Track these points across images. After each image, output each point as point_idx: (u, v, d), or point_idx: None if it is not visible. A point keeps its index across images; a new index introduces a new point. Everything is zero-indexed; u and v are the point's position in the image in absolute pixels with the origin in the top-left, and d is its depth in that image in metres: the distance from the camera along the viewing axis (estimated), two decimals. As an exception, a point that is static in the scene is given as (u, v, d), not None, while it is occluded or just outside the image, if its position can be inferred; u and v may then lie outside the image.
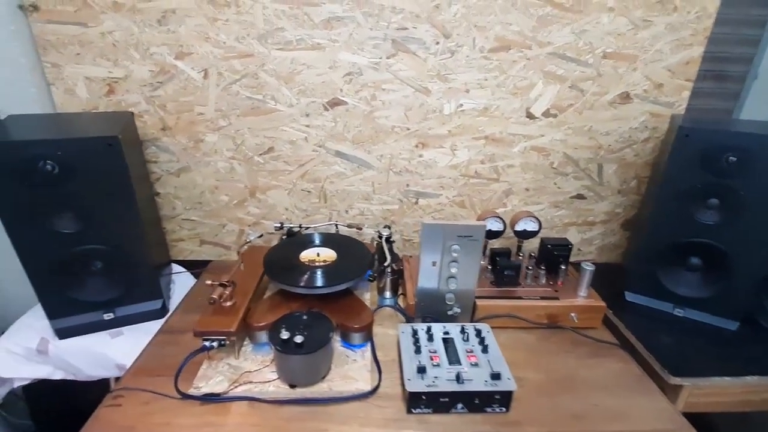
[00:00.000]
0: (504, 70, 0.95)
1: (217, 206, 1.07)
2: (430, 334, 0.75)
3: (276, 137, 1.00)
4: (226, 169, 1.03)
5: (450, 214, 1.10)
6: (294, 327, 0.69)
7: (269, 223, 1.09)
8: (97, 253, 0.80)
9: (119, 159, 0.74)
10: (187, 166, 1.02)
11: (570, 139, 1.02)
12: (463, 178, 1.06)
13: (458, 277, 0.81)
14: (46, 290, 0.80)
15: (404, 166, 1.04)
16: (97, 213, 0.76)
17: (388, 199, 1.08)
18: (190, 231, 1.10)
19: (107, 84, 0.93)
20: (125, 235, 0.80)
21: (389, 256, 0.89)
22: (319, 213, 1.09)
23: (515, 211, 1.09)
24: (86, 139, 0.71)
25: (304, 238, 0.96)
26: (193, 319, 0.87)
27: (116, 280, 0.84)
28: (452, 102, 0.97)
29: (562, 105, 0.99)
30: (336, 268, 0.86)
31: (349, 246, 0.94)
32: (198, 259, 1.14)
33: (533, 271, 0.92)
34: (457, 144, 1.02)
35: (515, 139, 1.02)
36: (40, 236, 0.75)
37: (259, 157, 1.02)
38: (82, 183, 0.73)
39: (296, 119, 0.98)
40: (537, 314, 0.87)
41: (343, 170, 1.04)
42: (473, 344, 0.74)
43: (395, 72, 0.94)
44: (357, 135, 1.00)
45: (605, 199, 1.09)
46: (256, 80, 0.94)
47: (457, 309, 0.84)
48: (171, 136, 0.99)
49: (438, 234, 0.78)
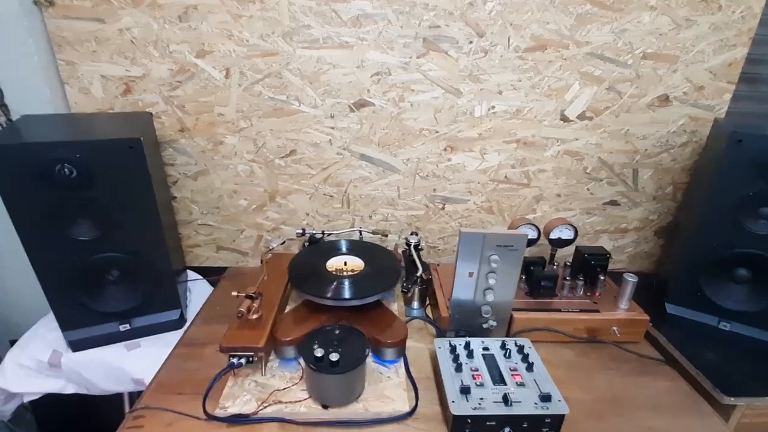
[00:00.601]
0: (539, 71, 0.90)
1: (235, 211, 1.03)
2: (470, 351, 0.70)
3: (299, 139, 0.95)
4: (246, 172, 0.98)
5: (477, 220, 1.06)
6: (327, 343, 0.65)
7: (289, 228, 1.05)
8: (114, 262, 0.76)
9: (141, 162, 0.70)
10: (205, 170, 0.98)
11: (605, 143, 0.98)
12: (492, 183, 1.01)
13: (496, 289, 0.77)
14: (60, 300, 0.75)
15: (431, 170, 0.99)
16: (115, 219, 0.72)
17: (413, 204, 1.03)
18: (207, 236, 1.05)
19: (124, 83, 0.89)
20: (145, 243, 0.76)
21: (420, 265, 0.84)
22: (341, 218, 1.04)
23: (545, 218, 1.05)
24: (107, 142, 0.67)
25: (329, 246, 0.92)
26: (213, 330, 0.83)
27: (134, 289, 0.80)
28: (484, 104, 0.93)
29: (599, 108, 0.94)
30: (365, 278, 0.81)
31: (377, 254, 0.89)
32: (214, 265, 1.09)
33: (570, 282, 0.87)
34: (487, 148, 0.97)
35: (548, 143, 0.97)
36: (55, 244, 0.70)
37: (280, 160, 0.97)
38: (101, 188, 0.69)
39: (320, 121, 0.94)
40: (576, 328, 0.82)
41: (367, 174, 1.00)
42: (516, 361, 0.69)
43: (425, 72, 0.90)
44: (383, 138, 0.96)
45: (639, 205, 1.05)
46: (279, 80, 0.90)
47: (493, 322, 0.80)
48: (189, 137, 0.95)
49: (477, 243, 0.73)
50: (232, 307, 0.91)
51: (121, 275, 0.78)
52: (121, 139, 0.67)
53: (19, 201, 0.66)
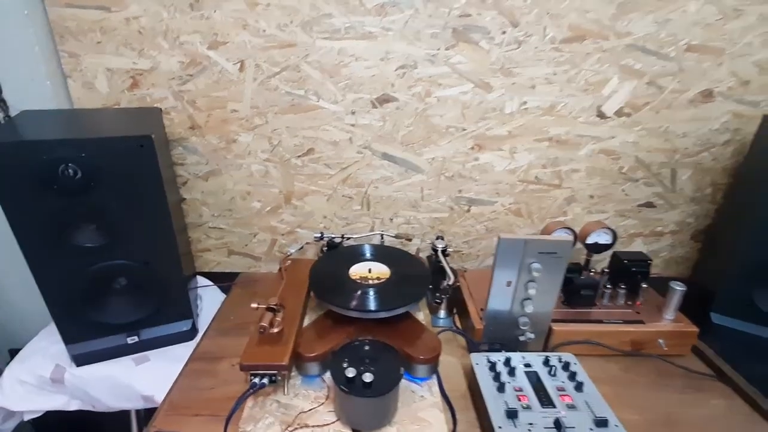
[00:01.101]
0: (576, 64, 0.84)
1: (248, 213, 0.97)
2: (511, 367, 0.64)
3: (317, 137, 0.89)
4: (260, 172, 0.92)
5: (504, 223, 1.00)
6: (357, 361, 0.59)
7: (304, 232, 0.99)
8: (122, 270, 0.70)
9: (152, 162, 0.64)
10: (216, 169, 0.92)
11: (643, 142, 0.92)
12: (521, 183, 0.95)
13: (535, 299, 0.71)
14: (63, 312, 0.69)
15: (457, 170, 0.93)
16: (124, 224, 0.66)
17: (437, 206, 0.97)
18: (218, 240, 0.99)
19: (131, 77, 0.83)
20: (155, 249, 0.70)
21: (450, 272, 0.78)
22: (360, 221, 0.98)
23: (577, 221, 0.99)
24: (115, 139, 0.61)
25: (350, 251, 0.86)
26: (227, 342, 0.78)
27: (143, 299, 0.74)
28: (515, 99, 0.87)
29: (638, 103, 0.88)
30: (392, 287, 0.75)
31: (402, 260, 0.84)
32: (225, 271, 1.03)
33: (611, 290, 0.81)
34: (517, 146, 0.91)
35: (582, 141, 0.91)
36: (57, 251, 0.64)
37: (296, 160, 0.91)
38: (107, 190, 0.63)
39: (340, 117, 0.88)
40: (620, 340, 0.76)
41: (389, 174, 0.94)
42: (562, 380, 0.63)
43: (454, 65, 0.84)
44: (407, 135, 0.90)
45: (676, 207, 0.99)
46: (297, 73, 0.84)
47: (530, 335, 0.74)
48: (200, 135, 0.88)
49: (517, 250, 0.67)
50: (246, 317, 0.86)
51: (128, 284, 0.72)
52: (130, 136, 0.61)
53: (17, 205, 0.60)
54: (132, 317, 0.74)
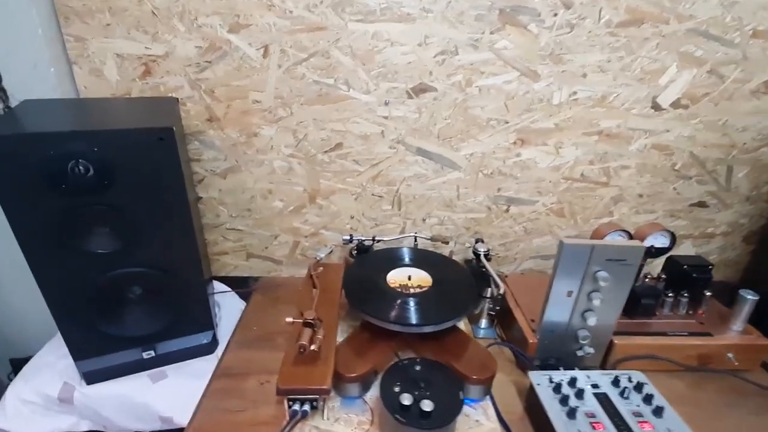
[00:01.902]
0: (632, 50, 0.77)
1: (269, 213, 0.89)
2: (579, 389, 0.57)
3: (346, 131, 0.82)
4: (283, 169, 0.85)
5: (545, 224, 0.92)
6: (410, 384, 0.52)
7: (329, 233, 0.92)
8: (137, 278, 0.63)
9: (172, 157, 0.56)
10: (235, 166, 0.84)
11: (699, 136, 0.84)
12: (565, 181, 0.88)
13: (598, 311, 0.64)
14: (72, 325, 0.62)
15: (497, 167, 0.86)
16: (140, 227, 0.59)
17: (474, 206, 0.90)
18: (236, 243, 0.92)
19: (143, 63, 0.75)
20: (175, 254, 0.63)
21: (497, 278, 0.71)
22: (390, 222, 0.91)
23: (623, 222, 0.92)
24: (132, 132, 0.53)
25: (387, 255, 0.78)
26: (252, 357, 0.70)
27: (160, 309, 0.66)
28: (564, 89, 0.79)
29: (696, 94, 0.81)
30: (437, 297, 0.68)
31: (442, 265, 0.76)
32: (242, 275, 0.96)
33: (673, 299, 0.74)
34: (563, 141, 0.84)
35: (634, 135, 0.84)
36: (66, 258, 0.57)
37: (323, 155, 0.84)
38: (123, 189, 0.55)
39: (373, 109, 0.80)
40: (686, 354, 0.70)
41: (423, 171, 0.86)
42: (637, 403, 0.56)
43: (499, 51, 0.76)
44: (444, 129, 0.82)
45: (730, 207, 0.92)
46: (327, 60, 0.76)
47: (589, 349, 0.67)
48: (219, 128, 0.81)
49: (582, 257, 0.60)
50: (271, 327, 0.79)
51: (144, 293, 0.65)
52: (149, 128, 0.54)
53: (20, 206, 0.52)
54: (148, 330, 0.67)
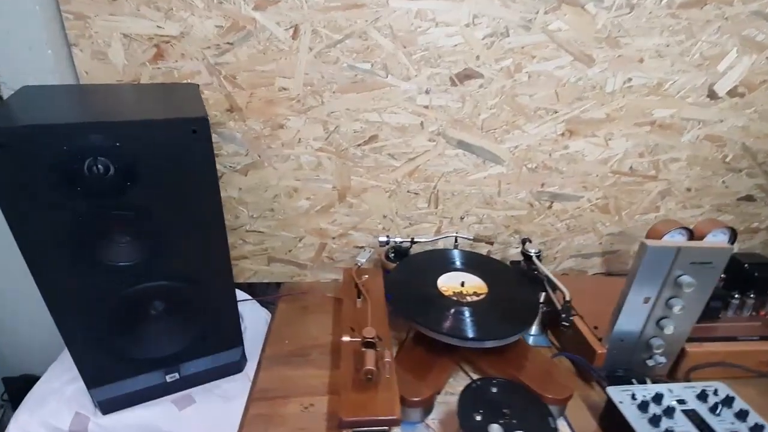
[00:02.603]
0: (692, 34, 0.71)
1: (294, 214, 0.81)
2: (668, 407, 0.52)
3: (382, 122, 0.74)
4: (311, 164, 0.77)
5: (589, 221, 0.87)
6: (493, 411, 0.46)
7: (359, 234, 0.84)
8: (162, 291, 0.54)
9: (206, 152, 0.48)
10: (258, 161, 0.76)
11: (753, 126, 0.80)
12: (612, 175, 0.82)
13: (676, 318, 0.58)
14: (85, 349, 0.54)
15: (542, 160, 0.80)
16: (168, 234, 0.50)
17: (515, 202, 0.84)
18: (257, 246, 0.84)
19: (154, 45, 0.66)
20: (205, 264, 0.55)
21: (560, 284, 0.65)
22: (426, 221, 0.84)
23: (669, 217, 0.88)
24: (160, 123, 0.45)
25: (433, 259, 0.72)
26: (289, 375, 0.63)
27: (186, 325, 0.58)
28: (619, 76, 0.73)
29: (754, 82, 0.76)
30: (496, 306, 0.62)
31: (494, 269, 0.70)
32: (262, 281, 0.88)
33: (739, 300, 0.70)
34: (614, 132, 0.78)
35: (687, 126, 0.79)
36: (80, 273, 0.48)
37: (356, 149, 0.76)
38: (148, 190, 0.47)
39: (412, 97, 0.73)
40: (758, 360, 0.65)
41: (463, 166, 0.79)
42: (731, 420, 0.51)
43: (552, 33, 0.69)
44: (489, 120, 0.75)
45: (778, 201, 0.88)
46: (364, 42, 0.68)
47: (661, 358, 0.61)
48: (240, 119, 0.72)
49: (665, 260, 0.54)
50: (305, 339, 0.71)
51: (168, 308, 0.57)
52: (181, 119, 0.45)
53: (26, 212, 0.44)
54: (171, 349, 0.59)
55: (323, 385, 0.61)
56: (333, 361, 0.66)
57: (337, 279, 0.88)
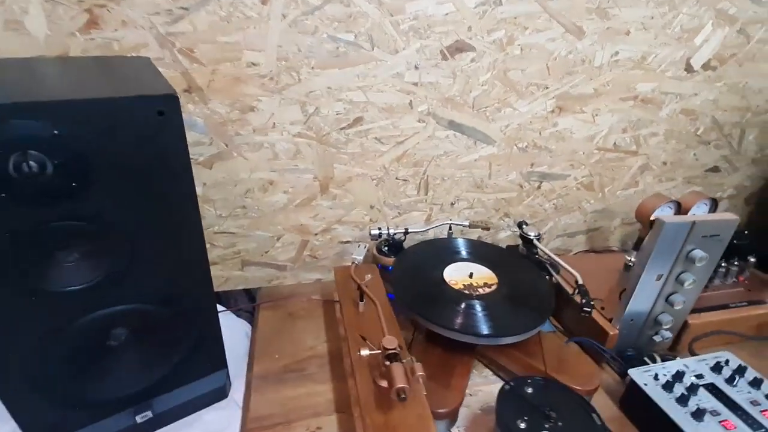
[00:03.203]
0: (674, 6, 0.71)
1: (269, 210, 0.71)
2: (692, 384, 0.51)
3: (367, 102, 0.66)
4: (288, 152, 0.67)
5: (574, 199, 0.86)
6: (536, 415, 0.41)
7: (344, 228, 0.77)
8: (126, 317, 0.44)
9: (177, 141, 0.38)
10: (225, 151, 0.65)
11: (722, 99, 0.83)
12: (598, 152, 0.82)
13: (685, 293, 0.58)
14: (24, 397, 0.42)
15: (532, 139, 0.77)
16: (131, 245, 0.40)
17: (505, 184, 0.80)
18: (227, 249, 0.73)
19: (86, 9, 0.53)
20: (178, 279, 0.45)
21: (567, 266, 0.63)
22: (416, 209, 0.78)
23: (647, 192, 0.89)
24: (115, 103, 0.34)
25: (435, 250, 0.66)
26: (286, 395, 0.55)
27: (157, 355, 0.48)
28: (607, 48, 0.72)
29: (724, 55, 0.78)
30: (507, 297, 0.58)
31: (500, 257, 0.66)
32: (235, 288, 0.77)
33: (725, 268, 0.72)
34: (600, 108, 0.77)
35: (666, 100, 0.80)
36: (11, 304, 0.37)
37: (339, 133, 0.68)
38: (101, 192, 0.36)
39: (400, 73, 0.66)
40: (748, 325, 0.68)
41: (454, 148, 0.74)
42: (747, 390, 0.52)
43: (545, 2, 0.65)
44: (480, 97, 0.71)
45: (738, 170, 0.93)
46: (346, 8, 0.59)
47: (667, 333, 0.61)
48: (201, 102, 0.61)
49: (680, 235, 0.53)
50: (296, 352, 0.63)
51: (134, 337, 0.46)
52: (143, 96, 0.35)
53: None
54: (141, 384, 0.48)
55: (329, 403, 0.54)
56: (334, 373, 0.59)
57: (321, 279, 0.80)
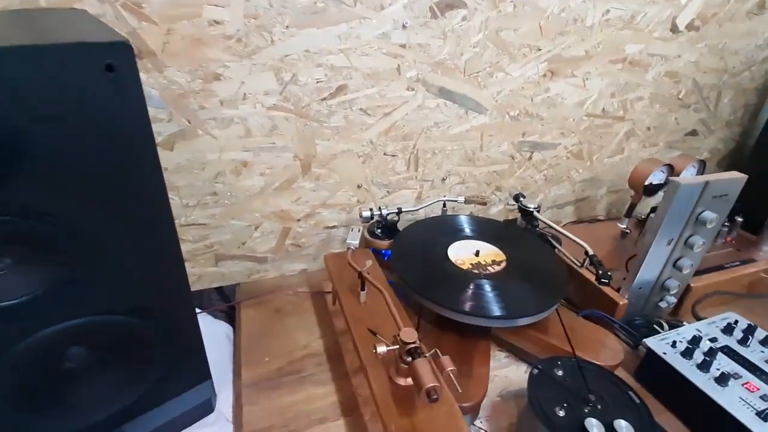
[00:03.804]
0: (664, -41, 0.68)
1: (245, 196, 0.63)
2: (710, 349, 0.50)
3: (351, 68, 0.59)
4: (263, 128, 0.59)
5: (564, 169, 0.84)
6: (574, 400, 0.38)
7: (329, 212, 0.70)
8: (82, 334, 0.35)
9: (135, 105, 0.29)
10: (188, 129, 0.56)
11: (702, 61, 0.82)
12: (587, 119, 0.79)
13: (693, 256, 0.57)
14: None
15: (524, 106, 0.73)
16: (84, 246, 0.31)
17: (497, 156, 0.76)
18: (198, 243, 0.64)
19: (-9, -52, 0.41)
20: (148, 281, 0.37)
21: (575, 237, 0.60)
22: (405, 187, 0.72)
23: (632, 158, 0.89)
24: (45, 51, 0.25)
25: (434, 229, 0.61)
26: (283, 403, 0.49)
27: (128, 373, 0.40)
28: (598, 7, 0.68)
29: (707, 15, 0.77)
30: (521, 274, 0.54)
31: (502, 232, 0.62)
32: (210, 286, 0.69)
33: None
34: (591, 71, 0.74)
35: (652, 62, 0.78)
36: None
37: (320, 105, 0.60)
38: (36, 177, 0.27)
39: (387, 34, 0.58)
40: (740, 284, 0.68)
41: (445, 118, 0.68)
42: (761, 349, 0.51)
43: (538, -46, 0.60)
44: (472, 60, 0.65)
45: (713, 133, 0.94)
46: (323, -44, 0.51)
47: (672, 299, 0.60)
48: (155, 69, 0.51)
49: (693, 197, 0.51)
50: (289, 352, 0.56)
51: (96, 356, 0.37)
52: (83, 44, 0.26)
53: None
54: (110, 408, 0.40)
55: (333, 407, 0.48)
56: (334, 372, 0.53)
57: (306, 269, 0.73)
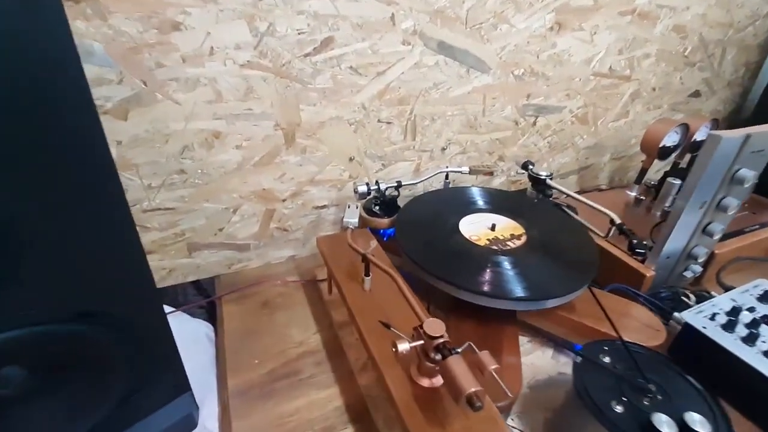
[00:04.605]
0: None
1: (219, 173, 0.54)
2: (753, 320, 0.45)
3: (338, 15, 0.50)
4: (237, 91, 0.50)
5: (569, 135, 0.78)
6: (629, 390, 0.32)
7: (318, 190, 0.61)
8: (18, 350, 0.27)
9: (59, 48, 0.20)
10: (144, 92, 0.46)
11: (710, 14, 0.77)
12: (594, 78, 0.73)
13: (723, 219, 0.52)
14: None
15: (530, 64, 0.66)
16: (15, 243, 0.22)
17: (500, 121, 0.69)
18: (166, 231, 0.55)
19: None
20: (101, 278, 0.28)
21: (597, 205, 0.54)
22: (402, 159, 0.65)
23: (637, 122, 0.84)
24: None
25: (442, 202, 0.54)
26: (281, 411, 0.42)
27: (89, 392, 0.32)
28: (610, -52, 0.61)
29: (717, -40, 0.71)
30: (546, 251, 0.47)
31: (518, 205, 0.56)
32: (185, 281, 0.60)
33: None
34: (599, 24, 0.67)
35: (660, 15, 0.72)
36: None
37: (303, 62, 0.51)
38: None
39: (378, -25, 0.50)
40: (760, 248, 0.65)
41: (445, 78, 0.61)
42: (803, 318, 0.47)
43: None
44: (474, 9, 0.57)
45: (716, 94, 0.91)
46: None
47: (698, 268, 0.56)
48: (97, 16, 0.41)
49: (731, 152, 0.46)
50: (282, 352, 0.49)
51: (40, 376, 0.29)
52: None
53: None
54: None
55: (339, 412, 0.41)
56: (336, 371, 0.46)
57: (294, 256, 0.65)
